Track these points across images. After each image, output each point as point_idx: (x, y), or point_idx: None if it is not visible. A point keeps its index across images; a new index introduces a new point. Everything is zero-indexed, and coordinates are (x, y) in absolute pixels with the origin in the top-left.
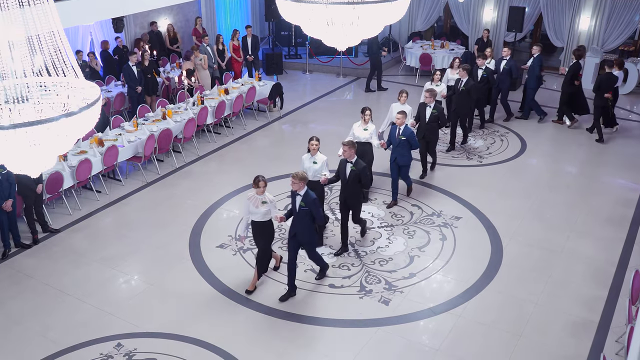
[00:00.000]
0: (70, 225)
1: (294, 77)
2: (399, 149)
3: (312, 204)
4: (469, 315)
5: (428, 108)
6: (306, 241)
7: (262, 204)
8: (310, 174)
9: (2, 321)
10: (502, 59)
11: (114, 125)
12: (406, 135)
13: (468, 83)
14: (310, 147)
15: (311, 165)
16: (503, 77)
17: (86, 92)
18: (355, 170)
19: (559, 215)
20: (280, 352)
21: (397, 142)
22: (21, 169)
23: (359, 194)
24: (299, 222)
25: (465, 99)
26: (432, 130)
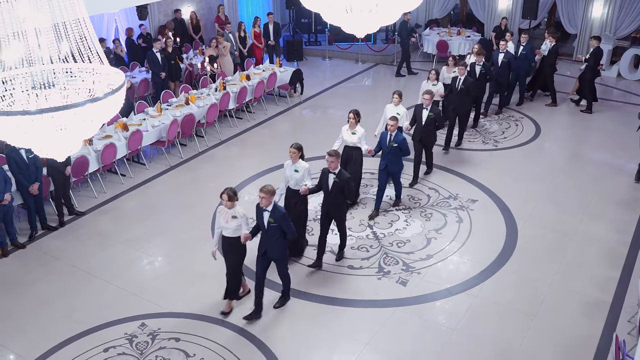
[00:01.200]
0: (95, 208)
1: (314, 63)
2: (390, 156)
3: (281, 219)
4: (484, 296)
5: (425, 110)
6: (278, 258)
7: (232, 219)
8: (292, 183)
9: (30, 302)
10: (520, 45)
11: (139, 110)
12: (398, 141)
13: (467, 81)
14: (290, 155)
15: (293, 173)
16: (521, 63)
17: (111, 78)
18: (339, 181)
19: (573, 198)
20: (301, 332)
21: (389, 149)
22: (47, 153)
23: (343, 206)
24: (269, 239)
25: (464, 98)
26: (429, 134)
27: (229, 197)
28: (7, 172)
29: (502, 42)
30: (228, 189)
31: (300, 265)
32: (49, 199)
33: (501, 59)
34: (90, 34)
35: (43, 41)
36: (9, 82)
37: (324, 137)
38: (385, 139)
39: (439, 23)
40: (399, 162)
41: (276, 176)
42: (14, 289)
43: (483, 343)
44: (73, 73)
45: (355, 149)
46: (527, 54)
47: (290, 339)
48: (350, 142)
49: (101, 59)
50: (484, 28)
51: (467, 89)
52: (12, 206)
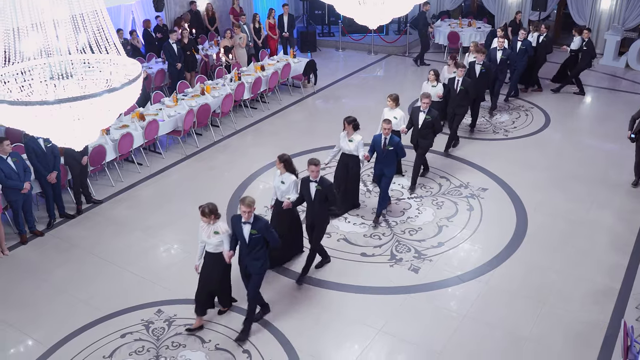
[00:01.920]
0: (112, 196)
1: (327, 54)
2: (385, 160)
3: (264, 229)
4: (495, 283)
5: (421, 113)
6: (255, 272)
7: (214, 235)
8: (278, 194)
9: (48, 289)
10: (518, 40)
11: (155, 100)
12: (393, 144)
13: (465, 82)
14: (277, 166)
15: (279, 184)
16: (519, 58)
17: (128, 69)
18: (322, 190)
19: (582, 187)
20: (315, 318)
21: (384, 153)
22: (65, 143)
23: (326, 216)
24: (250, 252)
25: (464, 99)
26: (426, 137)
27: (203, 213)
28: (26, 161)
29: (499, 39)
30: (205, 205)
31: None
32: (67, 188)
33: (499, 56)
34: (108, 25)
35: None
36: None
37: (337, 127)
38: (379, 142)
39: (450, 14)
40: (394, 166)
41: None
42: (32, 276)
43: (493, 329)
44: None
45: (351, 157)
46: (527, 49)
47: (304, 326)
48: (347, 149)
49: (118, 50)
50: (495, 20)
51: (465, 90)
52: (31, 195)
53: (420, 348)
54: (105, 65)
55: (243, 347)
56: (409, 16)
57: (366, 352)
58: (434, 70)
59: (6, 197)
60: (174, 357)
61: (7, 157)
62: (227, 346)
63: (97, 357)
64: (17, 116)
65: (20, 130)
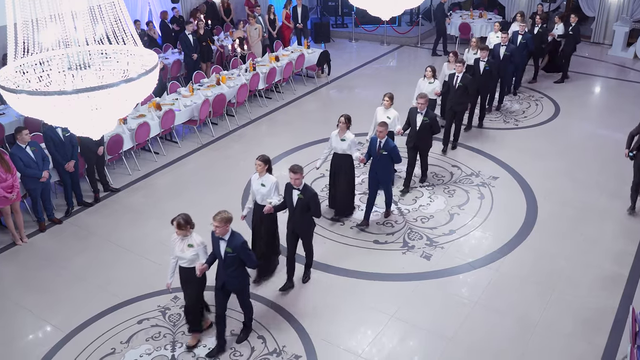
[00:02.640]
0: (129, 184)
1: (341, 45)
2: (379, 163)
3: (240, 249)
4: (505, 270)
5: (419, 115)
6: (238, 289)
7: (188, 248)
8: (258, 198)
9: (66, 276)
10: (518, 34)
11: (171, 90)
12: (387, 149)
13: (465, 79)
14: (256, 168)
15: (259, 187)
16: (520, 52)
17: (145, 59)
18: (303, 199)
19: (591, 176)
20: (328, 304)
21: (378, 156)
22: (83, 132)
23: (310, 223)
24: (227, 270)
25: (462, 96)
26: (424, 139)
27: (179, 225)
28: (44, 150)
29: (503, 34)
30: (180, 216)
31: (328, 239)
32: (84, 176)
33: (503, 52)
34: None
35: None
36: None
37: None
38: (374, 145)
39: (461, 6)
40: (390, 170)
41: (304, 154)
42: (51, 263)
43: (504, 315)
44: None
45: (344, 157)
46: (527, 43)
47: (317, 312)
48: (340, 149)
49: (135, 41)
50: (505, 11)
51: (464, 87)
52: (49, 183)
53: (432, 334)
54: (123, 55)
55: (258, 332)
56: (421, 7)
57: (379, 338)
58: (431, 66)
59: (25, 185)
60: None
61: (26, 146)
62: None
63: (114, 342)
64: (36, 106)
65: (39, 119)
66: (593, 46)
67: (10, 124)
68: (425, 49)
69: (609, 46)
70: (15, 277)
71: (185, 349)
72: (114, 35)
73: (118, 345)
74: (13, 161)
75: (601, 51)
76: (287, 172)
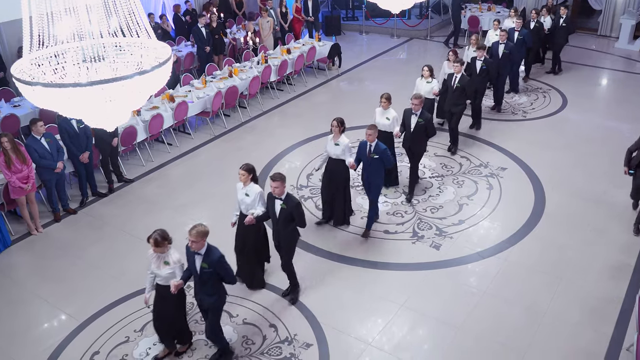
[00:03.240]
0: (143, 175)
1: (351, 37)
2: (371, 167)
3: (217, 264)
4: (514, 259)
5: (414, 116)
6: (213, 307)
7: (164, 265)
8: (243, 208)
9: (81, 265)
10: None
11: (184, 82)
12: (378, 153)
13: (463, 80)
14: (240, 177)
15: (243, 197)
16: (518, 49)
17: (158, 52)
18: (287, 208)
19: (598, 167)
20: (340, 294)
21: (369, 161)
22: (98, 123)
23: (293, 235)
24: (203, 286)
25: (460, 98)
26: (418, 142)
27: (156, 243)
28: (59, 142)
29: (501, 32)
30: (156, 232)
31: (338, 229)
32: (99, 167)
33: (502, 50)
34: (139, 9)
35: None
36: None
37: (360, 108)
38: (364, 149)
39: None
40: (381, 175)
41: (315, 146)
42: (66, 253)
43: (512, 304)
44: (122, 47)
45: (338, 161)
46: (524, 39)
47: (329, 301)
48: (334, 154)
49: (149, 34)
50: (513, 3)
51: (462, 88)
52: (64, 174)
53: (441, 323)
54: (136, 48)
55: (270, 321)
56: (430, 1)
57: (389, 327)
58: (428, 65)
59: (40, 176)
60: (202, 332)
61: (41, 138)
62: (254, 321)
63: (128, 331)
64: (51, 98)
65: (54, 111)
66: (600, 39)
67: (26, 115)
68: (434, 41)
69: (615, 39)
70: (30, 267)
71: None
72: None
73: (132, 334)
74: (28, 152)
75: (608, 44)
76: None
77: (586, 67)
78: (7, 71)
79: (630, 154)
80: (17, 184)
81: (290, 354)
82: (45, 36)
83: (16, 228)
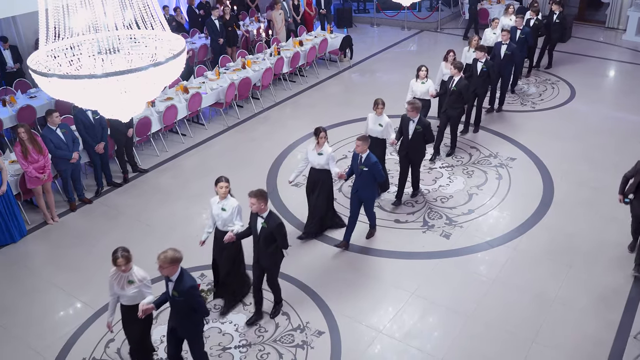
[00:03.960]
0: (157, 165)
1: (363, 30)
2: (361, 180)
3: (187, 293)
4: (523, 248)
5: (412, 123)
6: (189, 338)
7: (128, 284)
8: (219, 223)
9: (96, 254)
10: (517, 29)
11: (198, 74)
12: (368, 165)
13: (460, 82)
14: (218, 191)
15: (220, 212)
16: (519, 48)
17: (172, 44)
18: (267, 228)
19: (606, 156)
20: (351, 282)
21: (359, 172)
22: (113, 114)
23: (275, 257)
24: (177, 313)
25: (457, 101)
26: (416, 149)
27: (127, 259)
28: (75, 133)
29: (503, 32)
30: (119, 250)
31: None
32: (114, 157)
33: (504, 51)
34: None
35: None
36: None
37: (372, 99)
38: (355, 161)
39: None
40: (371, 187)
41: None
42: (81, 242)
43: (521, 292)
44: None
45: (323, 172)
46: (527, 38)
47: (340, 289)
48: (317, 163)
49: (163, 26)
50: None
51: (459, 92)
52: (79, 164)
53: (452, 310)
54: (151, 40)
55: (282, 309)
56: None
57: (400, 314)
58: (424, 66)
59: (56, 166)
60: (216, 319)
61: (57, 128)
62: (267, 309)
63: None
64: (67, 89)
65: (70, 102)
66: (607, 31)
67: (42, 106)
68: (445, 34)
69: (623, 31)
70: (46, 256)
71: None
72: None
73: None
74: (44, 143)
75: (615, 36)
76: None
77: (594, 59)
78: (23, 63)
79: (626, 180)
80: (33, 174)
81: (302, 342)
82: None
83: (32, 217)
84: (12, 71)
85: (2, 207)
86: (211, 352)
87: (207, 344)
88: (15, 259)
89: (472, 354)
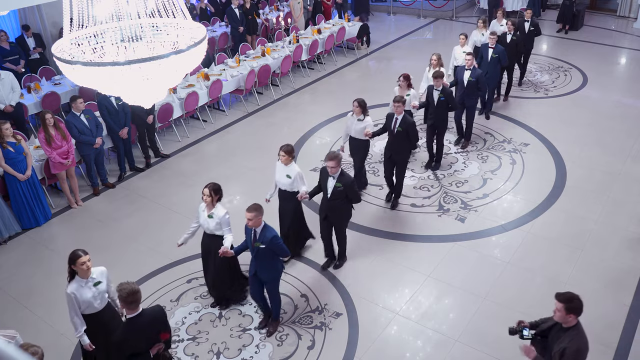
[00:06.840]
0: (179, 151)
1: (380, 18)
2: (258, 259)
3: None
4: (536, 231)
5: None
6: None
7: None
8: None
9: (120, 237)
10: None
11: (219, 61)
12: (265, 242)
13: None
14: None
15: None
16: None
17: (194, 32)
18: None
19: (618, 142)
20: (368, 265)
21: (255, 250)
22: (135, 101)
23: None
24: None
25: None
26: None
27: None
28: (98, 118)
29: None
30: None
31: (367, 203)
32: (136, 143)
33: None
34: None
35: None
36: (100, 35)
37: (389, 86)
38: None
39: None
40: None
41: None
42: (104, 225)
43: (534, 274)
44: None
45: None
46: (499, 57)
47: (358, 271)
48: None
49: (184, 14)
50: None
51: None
52: (102, 149)
53: (466, 292)
54: (172, 28)
55: (301, 291)
56: None
57: (416, 296)
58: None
59: (80, 151)
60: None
61: (80, 114)
62: (286, 291)
63: (164, 300)
64: (90, 76)
65: (93, 89)
66: (619, 19)
67: (66, 93)
68: (460, 22)
69: (634, 19)
70: (70, 239)
71: None
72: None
73: (168, 304)
74: (68, 128)
75: (627, 24)
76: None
77: (606, 47)
78: (46, 50)
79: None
80: (57, 159)
81: (320, 323)
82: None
83: (57, 201)
84: (36, 58)
85: (27, 192)
86: (231, 333)
87: (227, 325)
88: (40, 242)
89: (486, 335)
